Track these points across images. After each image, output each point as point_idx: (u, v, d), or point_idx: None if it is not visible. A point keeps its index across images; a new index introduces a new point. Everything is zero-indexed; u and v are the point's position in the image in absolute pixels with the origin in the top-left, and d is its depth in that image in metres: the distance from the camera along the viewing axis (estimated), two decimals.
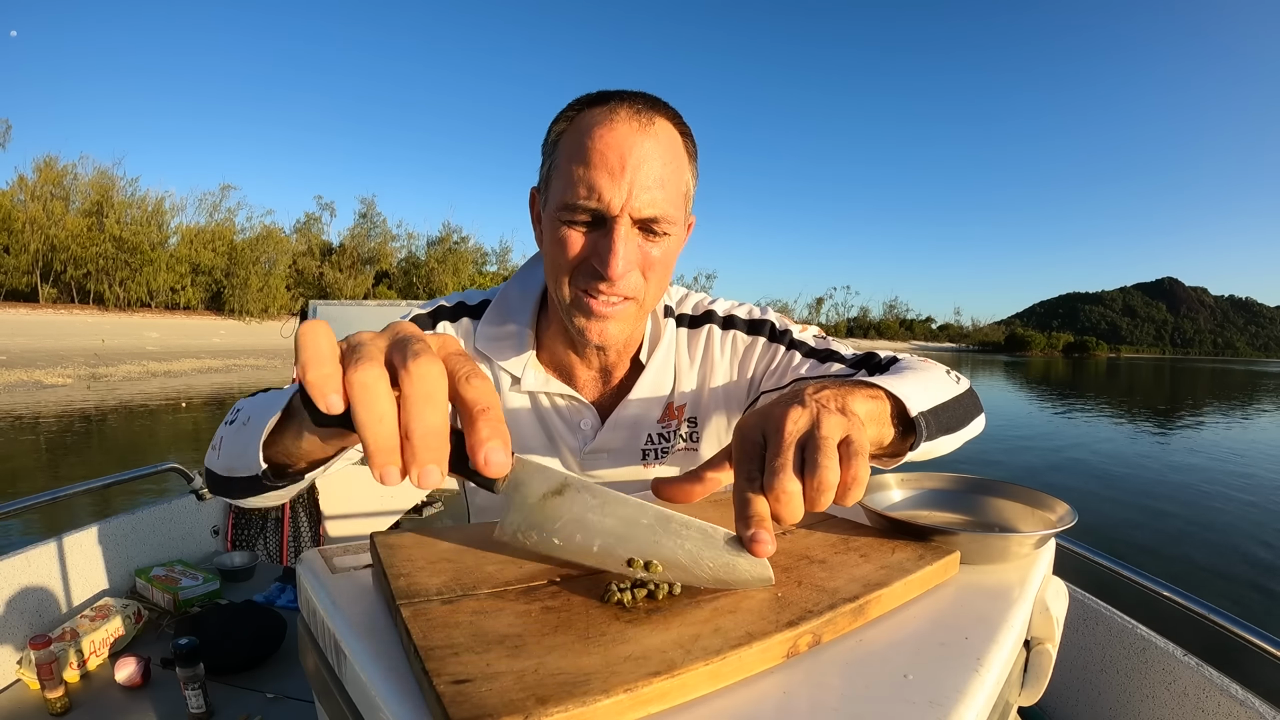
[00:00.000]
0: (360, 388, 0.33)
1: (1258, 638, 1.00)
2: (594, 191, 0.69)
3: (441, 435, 0.34)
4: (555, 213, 0.73)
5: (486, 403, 0.35)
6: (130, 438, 10.31)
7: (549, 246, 0.76)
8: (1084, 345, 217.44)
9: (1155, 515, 7.37)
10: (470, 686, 0.32)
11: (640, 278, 0.75)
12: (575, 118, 0.73)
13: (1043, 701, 1.10)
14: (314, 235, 57.41)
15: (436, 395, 0.34)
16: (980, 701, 0.36)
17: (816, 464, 0.43)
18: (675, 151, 0.74)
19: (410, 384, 0.33)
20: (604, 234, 0.71)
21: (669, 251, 0.76)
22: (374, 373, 0.33)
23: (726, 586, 0.44)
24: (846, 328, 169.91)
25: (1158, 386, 36.65)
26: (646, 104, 0.72)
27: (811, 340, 0.90)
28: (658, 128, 0.72)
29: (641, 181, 0.70)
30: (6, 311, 32.00)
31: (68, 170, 42.02)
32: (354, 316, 3.74)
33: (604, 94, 0.73)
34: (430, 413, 0.34)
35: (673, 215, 0.73)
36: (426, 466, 0.34)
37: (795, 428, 0.46)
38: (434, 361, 0.34)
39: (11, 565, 1.50)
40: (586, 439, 0.88)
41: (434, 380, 0.34)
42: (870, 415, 0.57)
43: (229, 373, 21.56)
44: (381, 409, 0.33)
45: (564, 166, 0.72)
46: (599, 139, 0.69)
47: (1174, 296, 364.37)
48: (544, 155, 0.77)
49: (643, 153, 0.70)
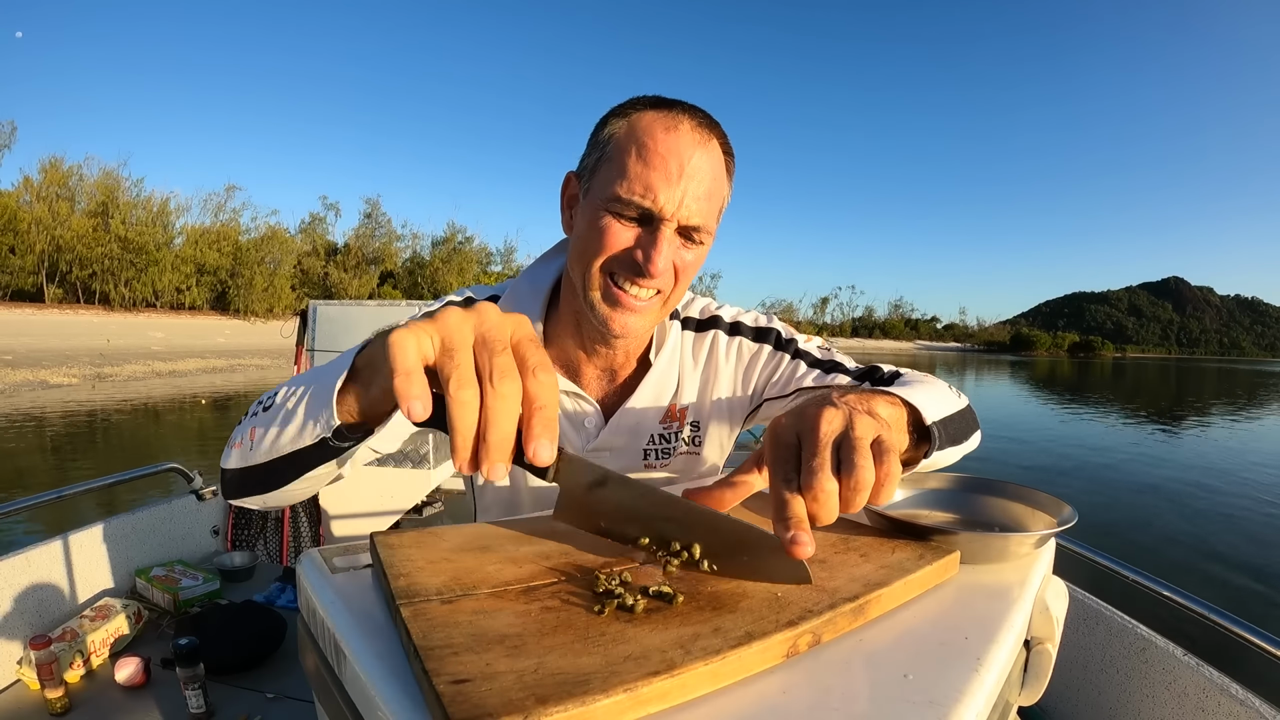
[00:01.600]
0: (459, 405, 0.39)
1: (1258, 638, 1.00)
2: (650, 191, 0.72)
3: (511, 440, 0.40)
4: (602, 203, 0.75)
5: (544, 400, 0.41)
6: (135, 437, 10.33)
7: (586, 232, 0.77)
8: (1089, 345, 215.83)
9: (1156, 515, 7.36)
10: (470, 686, 0.32)
11: (672, 277, 0.79)
12: (636, 116, 0.75)
13: (1043, 701, 1.09)
14: (319, 235, 57.69)
15: (513, 412, 0.40)
16: (980, 701, 0.36)
17: (853, 464, 0.46)
18: (721, 170, 0.78)
19: (494, 398, 0.39)
20: (650, 232, 0.75)
21: (698, 258, 0.80)
22: (471, 393, 0.39)
23: (760, 578, 0.46)
24: (851, 327, 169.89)
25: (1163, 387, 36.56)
26: (705, 121, 0.76)
27: (816, 351, 0.91)
28: (713, 146, 0.76)
29: (693, 191, 0.73)
30: (12, 311, 32.14)
31: (73, 171, 42.26)
32: (354, 317, 3.75)
33: (666, 100, 0.76)
34: (506, 423, 0.40)
35: (710, 226, 0.78)
36: (496, 465, 0.40)
37: (830, 429, 0.48)
38: (515, 380, 0.40)
39: (11, 565, 1.50)
40: (590, 437, 0.89)
41: (513, 398, 0.40)
42: (891, 420, 0.58)
43: (233, 372, 21.64)
44: (472, 421, 0.39)
45: (620, 160, 0.74)
46: (661, 143, 0.72)
47: (1180, 296, 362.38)
48: (593, 145, 0.79)
49: (698, 165, 0.73)
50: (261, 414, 0.63)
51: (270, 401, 0.63)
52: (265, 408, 0.63)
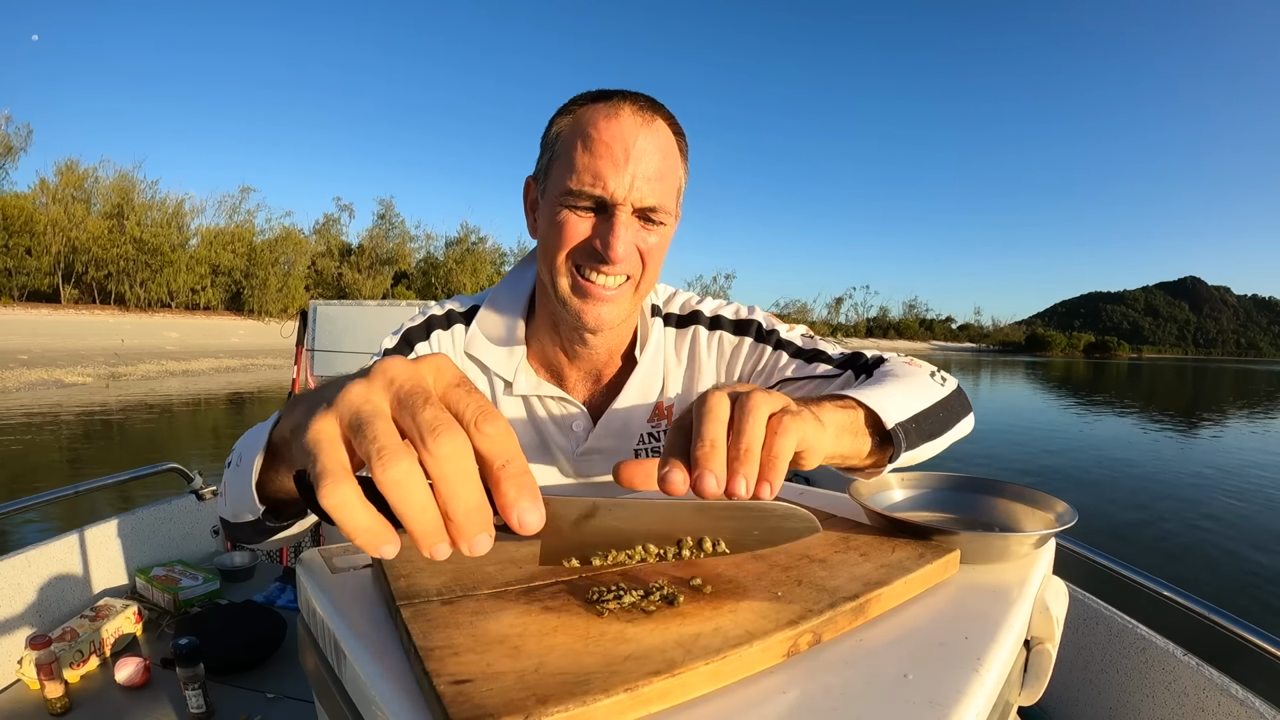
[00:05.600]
0: (395, 487, 0.30)
1: (1258, 637, 1.00)
2: (599, 179, 0.73)
3: (484, 508, 0.32)
4: (558, 198, 0.76)
5: (506, 455, 0.33)
6: (142, 435, 10.34)
7: (548, 229, 0.78)
8: (1105, 346, 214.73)
9: (1157, 516, 7.36)
10: (470, 687, 0.32)
11: (638, 261, 0.79)
12: (579, 111, 0.76)
13: (1043, 701, 1.09)
14: (333, 236, 57.95)
15: (469, 471, 0.32)
16: (980, 701, 0.36)
17: (741, 427, 0.44)
18: (671, 149, 0.78)
19: (439, 466, 0.31)
20: (606, 219, 0.75)
21: (663, 240, 0.80)
22: (404, 467, 0.30)
23: (777, 543, 0.45)
24: (866, 327, 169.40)
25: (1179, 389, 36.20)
26: (647, 103, 0.76)
27: (799, 340, 0.91)
28: (657, 126, 0.75)
29: (643, 173, 0.74)
30: (29, 312, 32.35)
31: (89, 173, 42.54)
32: (354, 317, 3.74)
33: (606, 92, 0.77)
34: (467, 491, 0.32)
35: (668, 206, 0.78)
36: (477, 539, 0.32)
37: (724, 398, 0.46)
38: (456, 433, 0.31)
39: (11, 565, 1.50)
40: (579, 441, 0.88)
41: (462, 457, 0.32)
42: (843, 426, 0.57)
43: (246, 372, 21.68)
44: (422, 499, 0.31)
45: (568, 155, 0.75)
46: (604, 131, 0.73)
47: (1196, 296, 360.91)
48: (544, 146, 0.80)
49: (644, 147, 0.73)
50: (229, 469, 0.57)
51: (233, 457, 0.57)
52: (230, 465, 0.57)
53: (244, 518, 0.53)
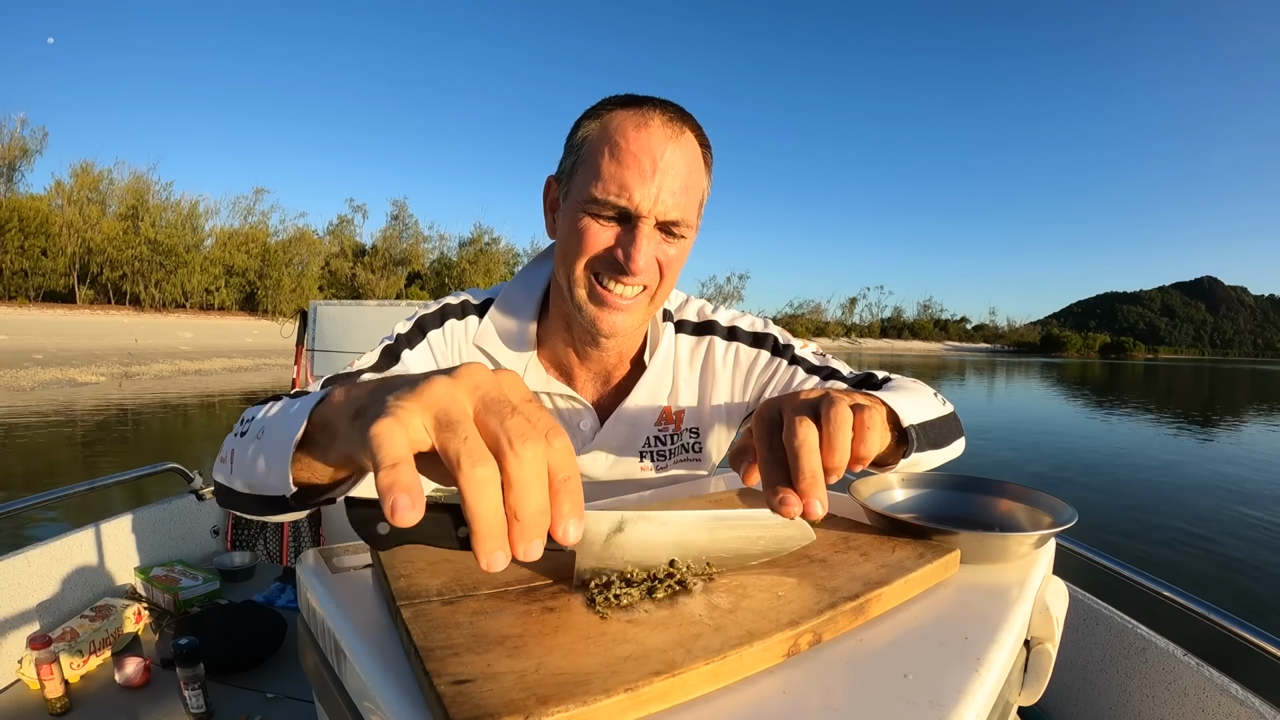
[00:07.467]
0: (480, 485, 0.32)
1: (1258, 637, 1.00)
2: (625, 190, 0.72)
3: (547, 514, 0.34)
4: (581, 204, 0.75)
5: (568, 470, 0.35)
6: (155, 432, 10.37)
7: (568, 234, 0.77)
8: (1120, 346, 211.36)
9: (1159, 516, 7.34)
10: (471, 687, 0.32)
11: (657, 273, 0.78)
12: (607, 117, 0.75)
13: (1043, 701, 1.09)
14: (346, 237, 58.29)
15: (543, 478, 0.34)
16: (980, 701, 0.36)
17: (829, 417, 0.48)
18: (698, 162, 0.77)
19: (522, 470, 0.33)
20: (629, 230, 0.75)
21: (682, 252, 0.80)
22: (491, 469, 0.33)
23: (777, 554, 0.50)
24: (880, 328, 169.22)
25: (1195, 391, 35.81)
26: (677, 114, 0.75)
27: (812, 357, 0.92)
28: (686, 138, 0.75)
29: (669, 186, 0.73)
30: (44, 312, 32.54)
31: (104, 175, 42.83)
32: (354, 317, 3.73)
33: (637, 98, 0.76)
34: (539, 495, 0.33)
35: (691, 220, 0.77)
36: (533, 544, 0.34)
37: (809, 396, 0.51)
38: (540, 442, 0.34)
39: (11, 565, 1.50)
40: (585, 440, 0.89)
41: (541, 464, 0.34)
42: (883, 423, 0.59)
43: (259, 371, 21.71)
44: (496, 502, 0.33)
45: (594, 162, 0.74)
46: (633, 141, 0.72)
47: (1213, 296, 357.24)
48: (569, 149, 0.79)
49: (672, 160, 0.73)
50: (239, 438, 0.57)
51: (246, 426, 0.57)
52: (242, 433, 0.57)
53: (263, 491, 0.52)
